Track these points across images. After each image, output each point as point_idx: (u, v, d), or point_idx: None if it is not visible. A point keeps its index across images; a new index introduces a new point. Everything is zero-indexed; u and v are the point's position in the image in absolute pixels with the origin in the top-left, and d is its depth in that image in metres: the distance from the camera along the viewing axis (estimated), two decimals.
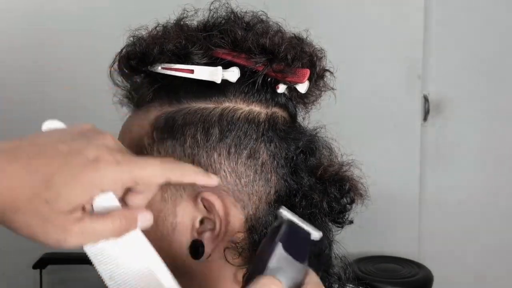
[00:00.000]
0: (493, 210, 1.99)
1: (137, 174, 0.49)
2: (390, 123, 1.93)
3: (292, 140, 0.61)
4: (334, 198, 0.61)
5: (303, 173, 0.61)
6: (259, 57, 0.58)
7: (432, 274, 1.76)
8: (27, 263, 1.77)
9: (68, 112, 1.76)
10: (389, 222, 1.93)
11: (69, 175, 0.46)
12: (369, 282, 1.64)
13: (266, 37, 0.59)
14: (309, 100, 0.65)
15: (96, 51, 1.67)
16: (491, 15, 1.94)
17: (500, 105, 1.97)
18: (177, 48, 0.59)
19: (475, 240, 2.00)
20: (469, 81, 1.97)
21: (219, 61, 0.59)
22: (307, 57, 0.61)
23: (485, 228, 1.99)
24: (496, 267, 2.02)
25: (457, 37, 1.95)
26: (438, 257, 1.95)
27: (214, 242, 0.58)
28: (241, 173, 0.58)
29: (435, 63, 1.94)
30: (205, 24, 0.61)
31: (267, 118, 0.60)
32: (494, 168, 2.00)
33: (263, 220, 0.59)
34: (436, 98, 1.97)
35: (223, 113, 0.59)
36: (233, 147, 0.58)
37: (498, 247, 2.00)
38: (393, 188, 1.88)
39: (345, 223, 0.64)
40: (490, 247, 2.00)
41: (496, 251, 2.01)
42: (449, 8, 1.94)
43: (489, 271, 2.02)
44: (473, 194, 1.99)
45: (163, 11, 0.61)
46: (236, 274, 0.60)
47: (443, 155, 2.00)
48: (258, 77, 0.59)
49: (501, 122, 1.98)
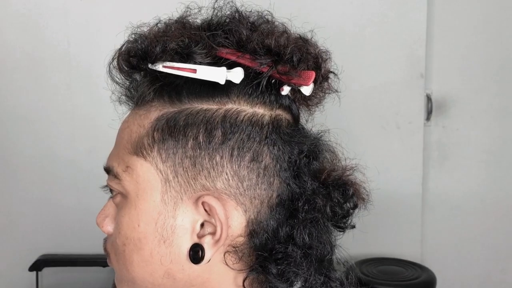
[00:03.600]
0: (497, 211, 1.99)
1: None
2: (393, 122, 1.92)
3: (295, 144, 0.60)
4: (337, 203, 0.60)
5: (306, 177, 0.60)
6: (264, 58, 0.57)
7: (435, 276, 1.75)
8: (23, 265, 1.77)
9: (66, 111, 1.76)
10: (391, 224, 1.93)
11: None
12: (372, 284, 1.64)
13: (272, 38, 0.57)
14: (313, 102, 0.64)
15: (98, 49, 1.67)
16: (494, 14, 1.93)
17: (504, 104, 1.97)
18: (180, 47, 0.58)
19: (478, 242, 1.99)
20: (472, 81, 1.96)
21: (222, 61, 0.58)
22: (312, 59, 0.60)
23: (489, 229, 1.98)
24: (499, 269, 2.02)
25: (460, 36, 1.94)
26: (441, 259, 1.95)
27: (214, 246, 0.57)
28: (243, 176, 0.57)
29: (438, 62, 1.94)
30: (209, 23, 0.60)
31: (271, 120, 0.59)
32: (498, 168, 1.99)
33: (265, 224, 0.58)
34: (439, 97, 1.97)
35: (226, 114, 0.58)
36: (236, 149, 0.57)
37: (502, 249, 2.00)
38: (395, 188, 1.87)
39: (347, 227, 0.63)
40: (493, 249, 1.99)
41: (499, 253, 2.00)
42: (452, 7, 1.93)
43: (492, 273, 2.02)
44: (476, 195, 1.98)
45: (165, 9, 0.60)
46: (236, 278, 0.60)
47: (446, 155, 1.99)
48: (262, 78, 0.58)
49: (505, 121, 1.97)
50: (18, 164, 1.79)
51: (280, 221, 0.59)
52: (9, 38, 1.73)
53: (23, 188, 1.80)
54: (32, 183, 1.80)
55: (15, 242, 1.82)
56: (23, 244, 1.82)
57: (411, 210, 1.96)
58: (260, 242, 0.58)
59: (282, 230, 0.58)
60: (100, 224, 0.64)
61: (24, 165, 1.80)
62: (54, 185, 1.81)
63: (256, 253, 0.58)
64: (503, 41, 1.95)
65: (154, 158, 0.58)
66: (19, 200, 1.81)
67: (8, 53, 1.72)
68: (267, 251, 0.58)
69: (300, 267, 0.58)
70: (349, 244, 0.64)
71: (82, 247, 1.77)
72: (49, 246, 1.80)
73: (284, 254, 0.58)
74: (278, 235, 0.58)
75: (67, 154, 1.78)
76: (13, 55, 1.73)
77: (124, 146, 0.60)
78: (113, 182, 0.61)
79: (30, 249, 1.79)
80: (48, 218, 1.82)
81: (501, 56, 1.95)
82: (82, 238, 1.76)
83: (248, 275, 0.59)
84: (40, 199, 1.81)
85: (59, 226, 1.81)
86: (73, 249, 1.79)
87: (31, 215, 1.82)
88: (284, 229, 0.58)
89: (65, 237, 1.81)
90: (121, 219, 0.60)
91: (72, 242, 1.80)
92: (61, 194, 1.81)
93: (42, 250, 1.80)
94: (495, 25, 1.93)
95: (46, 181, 1.81)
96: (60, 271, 1.82)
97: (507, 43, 1.95)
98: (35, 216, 1.82)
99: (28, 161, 1.79)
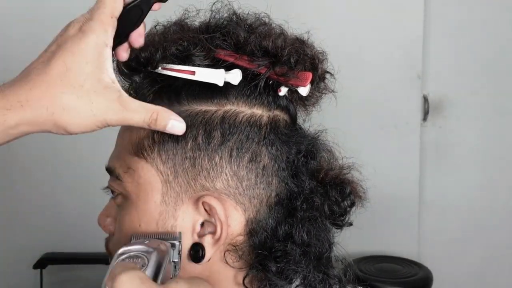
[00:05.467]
0: (492, 209, 2.00)
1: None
2: (390, 123, 1.93)
3: (293, 144, 0.61)
4: (335, 201, 0.61)
5: (304, 176, 0.61)
6: (261, 60, 0.58)
7: (432, 273, 1.77)
8: (28, 263, 1.77)
9: None
10: (389, 223, 1.94)
11: (70, 53, 0.53)
12: (370, 282, 1.65)
13: (269, 40, 0.58)
14: (310, 103, 0.65)
15: None
16: (490, 15, 1.94)
17: (500, 104, 1.98)
18: (179, 49, 0.58)
19: (475, 240, 2.00)
20: (468, 81, 1.97)
21: (221, 63, 0.59)
22: (309, 60, 0.61)
23: (484, 227, 2.00)
24: (495, 267, 2.03)
25: (456, 38, 1.95)
26: (438, 257, 1.96)
27: (214, 245, 0.58)
28: (242, 176, 0.58)
29: (434, 63, 1.95)
30: (207, 25, 0.61)
31: (269, 121, 0.60)
32: (494, 167, 2.01)
33: (264, 223, 0.59)
34: (435, 98, 1.98)
35: (225, 116, 0.58)
36: (235, 150, 0.58)
37: (498, 247, 2.01)
38: (393, 188, 1.88)
39: (344, 225, 0.64)
40: (489, 247, 2.01)
41: (495, 251, 2.02)
42: (449, 9, 1.94)
43: (488, 270, 2.03)
44: (472, 194, 1.99)
45: (164, 11, 0.60)
46: (236, 276, 0.61)
47: (442, 155, 2.00)
48: (260, 80, 0.59)
49: (501, 122, 1.98)
50: (23, 165, 1.81)
51: (279, 220, 0.59)
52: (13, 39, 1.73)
53: (28, 189, 1.82)
54: (37, 183, 1.82)
55: (20, 241, 1.84)
56: (27, 243, 1.83)
57: (408, 208, 1.97)
58: (259, 240, 0.59)
59: (281, 229, 0.59)
60: (102, 224, 0.64)
61: (28, 166, 1.81)
62: (58, 185, 1.83)
63: (256, 252, 0.59)
64: (499, 43, 1.96)
65: (155, 159, 0.58)
66: (23, 200, 1.83)
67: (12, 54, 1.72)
68: (266, 250, 0.58)
69: (299, 265, 0.59)
70: (347, 242, 0.65)
71: (85, 245, 1.78)
72: (53, 244, 1.82)
73: (283, 252, 0.58)
74: (277, 234, 0.59)
75: (70, 156, 1.79)
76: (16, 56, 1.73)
77: (125, 148, 0.60)
78: (114, 183, 0.61)
79: (35, 247, 1.81)
80: (52, 217, 1.84)
81: (497, 58, 1.96)
82: (85, 236, 1.76)
83: (248, 273, 0.59)
84: (44, 199, 1.83)
85: (63, 225, 1.83)
86: (76, 248, 1.80)
87: (36, 214, 1.83)
88: (283, 227, 0.59)
89: (68, 236, 1.83)
90: (122, 220, 0.61)
91: (75, 241, 1.81)
92: (65, 195, 1.83)
93: (46, 248, 1.81)
94: (491, 27, 1.95)
95: (50, 182, 1.82)
96: (64, 268, 1.84)
97: (502, 45, 1.96)
98: (40, 215, 1.84)
99: (32, 162, 1.81)
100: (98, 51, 0.54)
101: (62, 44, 0.54)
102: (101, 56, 0.54)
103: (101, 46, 0.54)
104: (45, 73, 0.53)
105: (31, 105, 0.52)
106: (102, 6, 0.55)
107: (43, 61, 0.54)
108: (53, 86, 0.53)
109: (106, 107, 0.53)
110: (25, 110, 0.52)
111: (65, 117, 0.53)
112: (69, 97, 0.53)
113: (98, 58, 0.54)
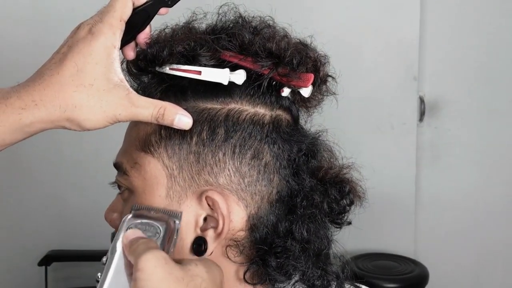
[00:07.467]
0: (487, 208, 2.02)
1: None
2: (387, 123, 1.94)
3: (295, 142, 0.63)
4: (334, 200, 0.63)
5: (304, 174, 0.62)
6: (265, 61, 0.60)
7: (428, 270, 1.79)
8: (32, 260, 1.79)
9: None
10: (386, 221, 1.95)
11: (81, 55, 0.56)
12: (367, 278, 1.67)
13: (273, 42, 0.60)
14: (312, 104, 0.67)
15: None
16: (486, 17, 1.95)
17: (495, 105, 1.99)
18: (186, 50, 0.60)
19: (470, 238, 2.02)
20: (464, 82, 1.99)
21: (226, 64, 0.60)
22: (311, 62, 0.62)
23: (479, 226, 2.02)
24: (490, 264, 2.05)
25: (452, 40, 1.97)
26: (434, 254, 1.98)
27: (216, 240, 0.59)
28: (244, 173, 0.60)
29: (430, 65, 1.96)
30: (213, 27, 0.62)
31: (271, 120, 0.62)
32: (489, 167, 2.02)
33: (265, 219, 0.61)
34: (431, 99, 1.99)
35: (229, 113, 0.60)
36: (238, 147, 0.59)
37: (492, 244, 2.03)
38: (389, 187, 1.89)
39: (343, 224, 0.66)
40: (484, 245, 2.03)
41: (490, 248, 2.04)
42: (445, 12, 1.95)
43: (483, 267, 2.05)
44: (467, 193, 2.01)
45: (172, 14, 0.62)
46: (237, 271, 0.62)
47: (438, 155, 2.02)
48: (263, 80, 0.61)
49: (496, 122, 2.00)
50: (28, 164, 1.82)
51: (280, 217, 0.61)
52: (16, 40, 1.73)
53: (33, 188, 1.84)
54: (42, 182, 1.84)
55: (25, 238, 1.85)
56: (32, 240, 1.84)
57: (405, 207, 1.99)
58: (260, 236, 0.60)
59: (281, 225, 0.61)
60: (108, 219, 0.66)
61: (34, 165, 1.83)
62: (63, 184, 1.84)
63: (257, 247, 0.60)
64: (494, 45, 1.97)
65: (161, 154, 0.60)
66: (29, 199, 1.85)
67: (15, 55, 1.73)
68: (267, 245, 0.60)
69: (298, 261, 0.60)
70: (345, 240, 0.66)
71: (90, 243, 1.79)
72: (57, 242, 1.83)
73: (283, 248, 0.60)
74: (277, 230, 0.60)
75: (75, 155, 1.82)
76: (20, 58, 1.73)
77: (132, 143, 0.62)
78: (121, 178, 0.63)
79: (39, 245, 1.82)
80: (57, 215, 1.86)
81: (492, 59, 1.98)
82: (89, 234, 1.78)
83: (248, 268, 0.61)
84: (49, 198, 1.85)
85: (67, 223, 1.84)
86: (81, 245, 1.81)
87: (41, 212, 1.85)
88: (283, 224, 0.61)
89: (72, 233, 1.85)
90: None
91: (79, 238, 1.83)
92: (69, 193, 1.85)
93: (51, 245, 1.82)
94: (486, 28, 1.96)
95: (55, 181, 1.84)
96: (68, 265, 1.86)
97: (498, 46, 1.97)
98: (44, 213, 1.85)
99: (37, 162, 1.82)
100: (107, 53, 0.56)
101: (73, 46, 0.57)
102: (110, 57, 0.57)
103: (110, 48, 0.57)
104: (57, 73, 0.56)
105: (45, 104, 0.55)
106: (112, 9, 0.57)
107: (55, 62, 0.57)
108: (65, 86, 0.55)
109: (116, 104, 0.56)
110: (39, 109, 0.55)
111: (77, 114, 0.56)
112: (81, 96, 0.55)
113: (107, 59, 0.56)
